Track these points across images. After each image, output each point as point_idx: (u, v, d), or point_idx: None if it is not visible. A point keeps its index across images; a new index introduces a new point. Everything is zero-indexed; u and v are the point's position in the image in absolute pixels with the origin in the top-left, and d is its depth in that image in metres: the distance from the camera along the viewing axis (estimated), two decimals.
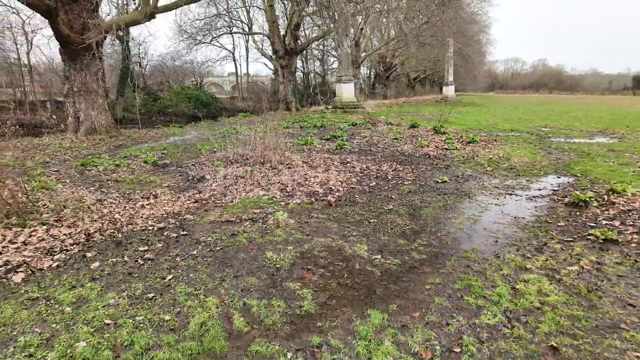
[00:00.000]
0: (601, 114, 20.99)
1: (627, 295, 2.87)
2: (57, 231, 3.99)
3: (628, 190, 5.38)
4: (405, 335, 2.41)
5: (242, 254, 3.58)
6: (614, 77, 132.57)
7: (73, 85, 10.92)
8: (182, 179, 6.53)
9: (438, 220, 4.57)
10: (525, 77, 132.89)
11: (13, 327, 2.45)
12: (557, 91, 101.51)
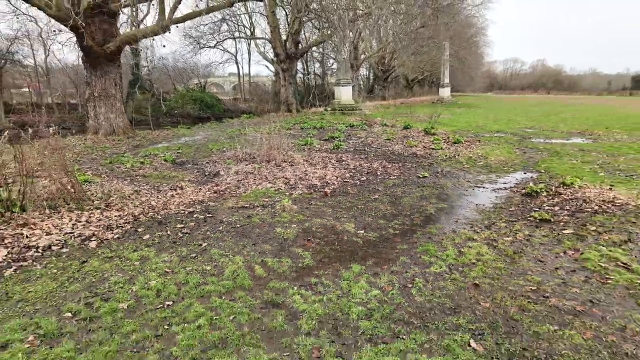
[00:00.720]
0: (589, 115, 22.00)
1: (541, 255, 3.92)
2: (109, 214, 5.04)
3: (576, 183, 6.43)
4: (375, 278, 3.46)
5: (257, 230, 4.63)
6: (613, 77, 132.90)
7: (94, 91, 11.98)
8: (200, 175, 7.59)
9: (413, 207, 5.62)
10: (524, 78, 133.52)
11: (102, 273, 3.51)
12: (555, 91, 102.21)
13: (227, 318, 2.82)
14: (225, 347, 2.52)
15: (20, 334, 2.61)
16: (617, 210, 5.22)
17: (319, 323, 2.80)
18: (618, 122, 17.68)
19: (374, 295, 3.15)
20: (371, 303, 3.04)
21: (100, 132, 12.15)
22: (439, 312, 2.93)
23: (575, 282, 3.37)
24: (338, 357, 2.43)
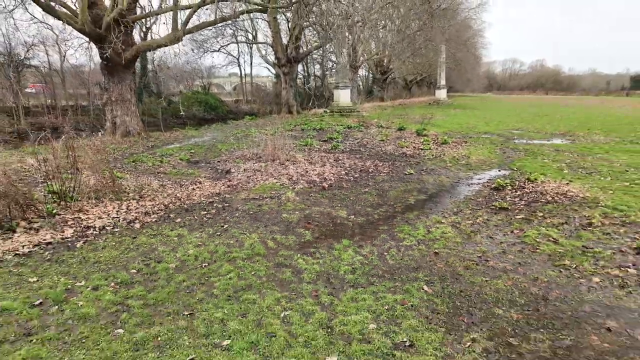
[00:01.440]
0: (577, 117, 23.03)
1: (492, 234, 4.97)
2: (144, 203, 6.09)
3: (539, 179, 7.48)
4: (360, 249, 4.51)
5: (267, 215, 5.68)
6: (612, 77, 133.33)
7: (111, 96, 13.03)
8: (214, 172, 8.64)
9: (397, 198, 6.67)
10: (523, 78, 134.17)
11: (151, 245, 4.56)
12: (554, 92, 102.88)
13: (249, 273, 3.88)
14: (250, 290, 3.57)
15: (104, 282, 3.67)
16: (566, 200, 6.26)
17: (316, 276, 3.85)
18: (601, 124, 18.73)
19: (358, 260, 4.21)
20: (355, 264, 4.09)
21: (117, 133, 13.19)
22: (404, 270, 3.98)
23: (512, 251, 4.42)
24: (330, 295, 3.48)
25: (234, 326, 2.98)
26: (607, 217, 5.44)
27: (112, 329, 2.97)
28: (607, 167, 8.87)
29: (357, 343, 2.79)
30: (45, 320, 3.08)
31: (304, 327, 2.98)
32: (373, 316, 3.13)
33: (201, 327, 2.99)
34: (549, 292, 3.54)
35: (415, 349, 2.74)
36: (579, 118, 22.06)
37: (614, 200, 6.11)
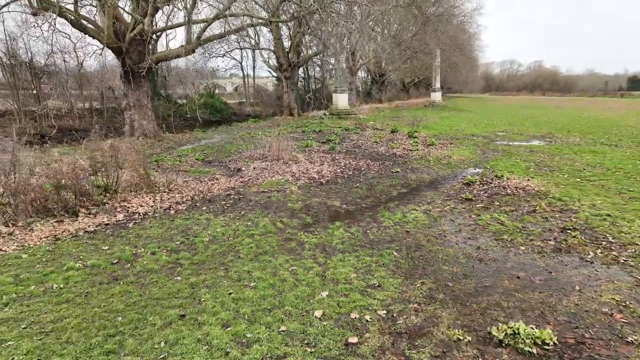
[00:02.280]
0: (562, 119, 24.30)
1: (454, 218, 6.28)
2: (174, 195, 7.40)
3: (505, 176, 8.78)
4: (348, 228, 5.81)
5: (275, 205, 6.98)
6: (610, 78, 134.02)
7: (130, 101, 14.34)
8: (226, 170, 9.94)
9: (383, 192, 7.98)
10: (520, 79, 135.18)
11: (186, 226, 5.87)
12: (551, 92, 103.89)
13: (265, 244, 5.19)
14: (266, 254, 4.88)
15: (158, 249, 4.97)
16: (523, 193, 7.57)
17: (314, 246, 5.15)
18: (582, 126, 20.02)
19: (346, 235, 5.51)
20: (344, 238, 5.40)
21: (135, 135, 14.50)
22: (381, 242, 5.29)
23: (466, 230, 5.73)
24: (324, 257, 4.78)
25: (257, 275, 4.29)
26: (550, 205, 6.75)
27: (172, 277, 4.28)
28: (569, 166, 10.18)
29: (342, 284, 4.10)
30: (124, 272, 4.39)
31: (305, 276, 4.28)
32: (354, 270, 4.44)
33: (234, 276, 4.30)
34: (484, 256, 4.84)
35: (382, 288, 4.05)
36: (564, 120, 23.34)
37: (561, 193, 7.42)
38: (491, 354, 3.03)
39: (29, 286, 4.03)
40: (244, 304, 3.69)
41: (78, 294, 3.91)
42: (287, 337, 3.20)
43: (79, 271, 4.36)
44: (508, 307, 3.69)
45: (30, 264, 4.54)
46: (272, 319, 3.45)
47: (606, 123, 21.47)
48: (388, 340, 3.18)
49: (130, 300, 3.78)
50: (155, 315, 3.50)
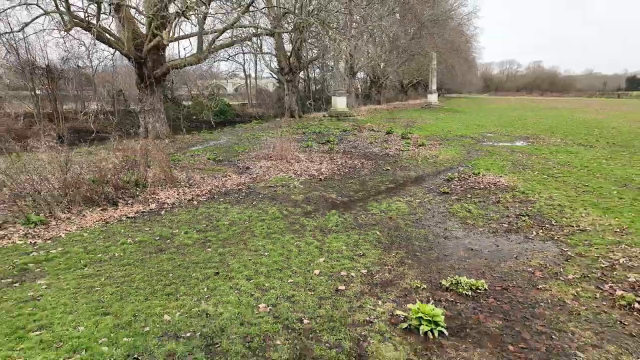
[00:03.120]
0: (550, 121, 25.49)
1: (431, 207, 7.52)
2: (194, 189, 8.65)
3: (481, 173, 10.03)
4: (342, 215, 7.06)
5: (280, 197, 8.24)
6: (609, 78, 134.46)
7: (145, 105, 15.59)
8: (236, 168, 11.19)
9: (373, 186, 9.23)
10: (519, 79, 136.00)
11: (208, 213, 7.12)
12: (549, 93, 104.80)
13: (274, 226, 6.44)
14: (276, 233, 6.13)
15: (189, 229, 6.23)
16: (494, 187, 8.81)
17: (314, 228, 6.40)
18: (566, 127, 21.22)
19: (340, 220, 6.76)
20: (338, 222, 6.65)
21: (149, 137, 15.75)
22: (367, 225, 6.54)
23: (438, 216, 6.98)
24: (322, 235, 6.03)
25: (269, 247, 5.54)
26: (514, 197, 8.00)
27: (204, 249, 5.53)
28: (542, 164, 11.42)
29: (335, 254, 5.35)
30: (166, 245, 5.64)
31: (307, 248, 5.53)
32: (345, 244, 5.69)
33: (252, 248, 5.55)
34: (449, 235, 6.10)
35: (365, 256, 5.29)
36: (552, 122, 24.54)
37: (526, 187, 8.67)
38: (439, 295, 4.28)
39: (97, 254, 5.29)
40: (261, 266, 4.94)
41: (135, 259, 5.17)
42: (294, 285, 4.46)
43: (132, 245, 5.62)
44: (458, 268, 4.94)
45: (92, 240, 5.81)
46: (283, 275, 4.71)
47: (592, 124, 22.68)
48: (366, 288, 4.44)
49: (175, 264, 5.04)
50: (196, 273, 4.76)
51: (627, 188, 8.54)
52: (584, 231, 6.07)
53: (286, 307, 3.99)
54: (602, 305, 4.05)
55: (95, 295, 4.23)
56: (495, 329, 3.68)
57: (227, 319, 3.77)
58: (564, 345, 3.42)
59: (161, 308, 3.96)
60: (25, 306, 3.99)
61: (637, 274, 4.63)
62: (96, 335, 3.49)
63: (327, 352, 3.33)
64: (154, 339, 3.45)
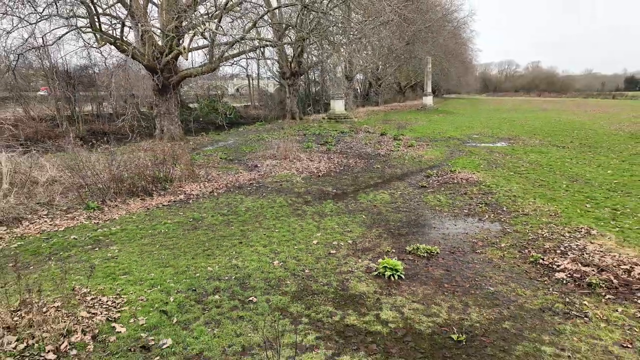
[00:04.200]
0: (535, 123, 27.03)
1: (409, 198, 9.17)
2: (212, 184, 10.30)
3: (457, 170, 11.67)
4: (336, 203, 8.71)
5: (285, 190, 9.88)
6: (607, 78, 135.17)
7: (160, 110, 17.24)
8: (245, 166, 12.84)
9: (363, 182, 10.87)
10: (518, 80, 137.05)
11: (228, 202, 8.77)
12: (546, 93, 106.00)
13: (281, 212, 8.09)
14: (283, 217, 7.77)
15: (214, 214, 7.88)
16: (465, 182, 10.45)
17: (313, 213, 8.04)
18: (549, 129, 22.81)
19: (334, 208, 8.40)
20: (332, 209, 8.29)
21: (164, 139, 17.40)
22: (356, 211, 8.18)
23: (413, 204, 8.62)
24: (319, 218, 7.67)
25: (278, 226, 7.19)
26: (479, 190, 9.64)
27: (228, 227, 7.17)
28: (513, 163, 13.05)
29: (329, 230, 6.99)
30: (199, 224, 7.29)
31: (307, 227, 7.18)
32: (337, 224, 7.33)
33: (265, 226, 7.19)
34: (419, 218, 7.74)
35: (352, 232, 6.93)
36: (537, 124, 26.14)
37: (492, 182, 10.31)
38: (403, 256, 5.91)
39: (148, 230, 6.95)
40: (273, 238, 6.59)
41: (177, 234, 6.82)
42: (299, 250, 6.10)
43: (172, 224, 7.27)
44: (421, 240, 6.58)
45: (141, 221, 7.46)
46: (289, 244, 6.35)
47: (573, 126, 24.27)
48: (351, 252, 6.08)
49: (208, 237, 6.68)
50: (225, 242, 6.41)
51: (576, 183, 10.19)
52: (526, 215, 7.72)
53: (293, 263, 5.64)
54: (517, 262, 5.69)
55: (155, 256, 5.88)
56: (437, 275, 5.32)
57: (252, 269, 5.42)
58: (481, 284, 5.07)
59: (205, 263, 5.61)
60: (109, 262, 5.64)
61: (551, 243, 6.27)
62: (164, 278, 5.14)
63: (321, 287, 4.98)
64: (203, 280, 5.10)
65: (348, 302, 4.63)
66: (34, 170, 8.99)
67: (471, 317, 4.30)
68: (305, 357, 3.61)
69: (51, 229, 7.00)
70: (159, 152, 10.35)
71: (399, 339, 3.94)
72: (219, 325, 4.12)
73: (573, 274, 5.21)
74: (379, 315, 4.34)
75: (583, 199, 8.65)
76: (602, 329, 4.06)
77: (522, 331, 4.05)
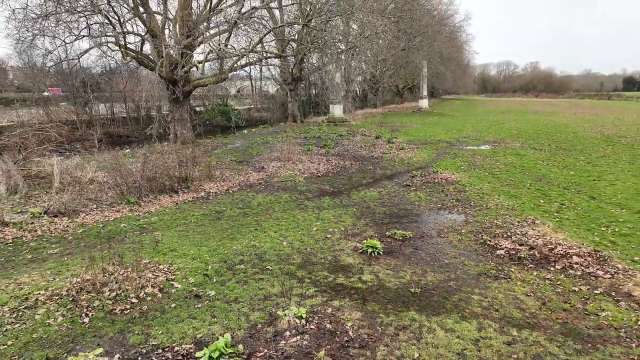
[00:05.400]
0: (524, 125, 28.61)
1: (395, 195, 10.87)
2: (227, 183, 11.99)
3: (439, 171, 13.36)
4: (332, 199, 10.40)
5: (289, 188, 11.58)
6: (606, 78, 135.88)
7: (175, 116, 18.93)
8: (254, 168, 14.53)
9: (357, 181, 12.57)
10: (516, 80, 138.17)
11: (242, 198, 10.47)
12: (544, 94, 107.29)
13: (287, 206, 9.79)
14: (289, 210, 9.47)
15: (233, 207, 9.58)
16: (444, 182, 12.13)
17: (313, 207, 9.74)
18: (534, 132, 24.41)
19: (331, 202, 10.10)
20: (329, 203, 9.98)
21: (177, 142, 19.10)
22: (349, 205, 9.87)
23: (397, 200, 10.31)
24: (318, 211, 9.37)
25: (285, 217, 8.89)
26: (455, 188, 11.33)
27: (245, 218, 8.87)
28: (490, 165, 14.73)
29: (326, 220, 8.69)
30: (221, 216, 8.99)
31: (309, 217, 8.87)
32: (333, 215, 9.02)
33: (274, 217, 8.89)
34: (401, 210, 9.43)
35: (344, 222, 8.63)
36: (523, 127, 27.73)
37: (467, 181, 12.00)
38: (383, 239, 7.60)
39: (180, 220, 8.65)
40: (282, 226, 8.29)
41: (205, 223, 8.51)
42: (302, 235, 7.80)
43: (199, 216, 8.97)
44: (399, 227, 8.27)
45: (172, 213, 9.16)
46: (295, 230, 8.05)
47: (558, 129, 25.87)
48: (343, 236, 7.77)
49: (230, 225, 8.38)
50: (244, 229, 8.10)
51: (539, 182, 11.87)
52: (488, 208, 9.41)
53: (298, 244, 7.34)
54: (470, 243, 7.39)
55: (191, 238, 7.58)
56: (407, 253, 7.02)
57: (267, 248, 7.12)
58: (439, 258, 6.76)
59: (230, 244, 7.31)
60: (153, 243, 7.34)
61: (501, 229, 7.97)
62: (200, 253, 6.84)
63: (319, 260, 6.67)
64: (230, 255, 6.80)
65: (339, 269, 6.33)
66: (77, 170, 10.69)
67: (427, 279, 5.99)
68: (308, 302, 5.30)
69: (103, 219, 8.71)
70: (181, 155, 12.04)
71: (374, 291, 5.63)
72: (246, 283, 5.82)
73: (510, 251, 6.91)
74: (361, 277, 6.04)
75: (539, 196, 10.34)
76: (517, 285, 5.76)
77: (461, 287, 5.74)
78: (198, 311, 5.06)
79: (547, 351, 4.27)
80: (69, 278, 5.78)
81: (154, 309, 5.12)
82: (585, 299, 5.33)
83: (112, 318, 4.92)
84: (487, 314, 4.99)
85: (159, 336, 4.53)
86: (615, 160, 15.09)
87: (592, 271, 6.08)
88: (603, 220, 8.39)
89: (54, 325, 4.71)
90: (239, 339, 4.46)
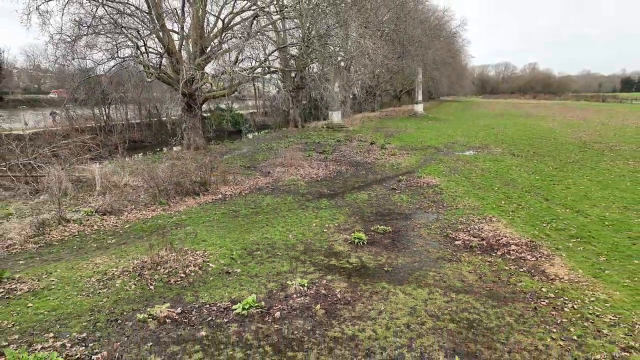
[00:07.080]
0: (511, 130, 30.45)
1: (383, 197, 12.87)
2: (239, 186, 14.00)
3: (422, 176, 15.36)
4: (329, 200, 12.40)
5: (293, 191, 13.58)
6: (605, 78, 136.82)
7: (188, 124, 20.95)
8: (261, 173, 16.53)
9: (351, 185, 14.57)
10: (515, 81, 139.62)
11: (254, 199, 12.48)
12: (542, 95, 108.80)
13: (291, 206, 11.79)
14: (292, 210, 11.47)
15: (247, 206, 11.59)
16: (425, 185, 14.13)
17: (313, 207, 11.74)
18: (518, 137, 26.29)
19: (327, 203, 12.10)
20: (326, 204, 11.98)
21: (190, 148, 21.11)
22: (343, 206, 11.87)
23: (383, 201, 12.31)
24: (317, 210, 11.37)
25: (290, 215, 10.90)
26: (434, 191, 13.33)
27: (257, 216, 10.88)
28: (469, 169, 16.71)
29: (323, 217, 10.69)
30: (237, 214, 10.99)
31: (309, 215, 10.88)
32: (329, 214, 11.02)
33: (281, 215, 10.90)
34: (384, 210, 11.43)
35: (338, 220, 10.63)
36: (510, 132, 29.60)
37: (445, 185, 13.99)
38: (368, 233, 9.60)
39: (205, 218, 10.66)
40: (288, 223, 10.29)
41: (225, 220, 10.52)
42: (303, 229, 9.80)
43: (220, 214, 10.98)
44: (383, 224, 10.25)
45: (198, 212, 11.17)
46: (298, 226, 10.05)
47: (542, 134, 27.63)
48: (337, 230, 9.78)
49: (245, 221, 10.39)
50: (257, 224, 10.11)
51: (507, 186, 13.86)
52: (457, 208, 11.40)
53: (301, 236, 9.34)
54: (436, 236, 9.39)
55: (216, 232, 9.59)
56: (386, 243, 9.02)
57: (276, 239, 9.13)
58: (410, 247, 8.76)
59: (247, 236, 9.32)
60: (190, 235, 9.35)
61: (463, 225, 9.96)
62: (225, 243, 8.84)
63: (317, 248, 8.68)
64: (249, 244, 8.81)
65: (332, 255, 8.34)
66: (114, 175, 12.71)
67: (397, 262, 8.00)
68: (309, 276, 7.30)
69: (142, 216, 10.73)
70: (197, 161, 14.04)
71: (357, 270, 7.64)
72: (262, 263, 7.83)
73: (465, 241, 8.91)
74: (348, 260, 8.05)
75: (502, 197, 12.34)
76: (465, 265, 7.76)
77: (422, 267, 7.74)
78: (230, 282, 7.08)
79: (472, 306, 6.27)
80: (131, 260, 7.80)
81: (198, 281, 7.13)
82: (510, 275, 7.34)
83: (169, 286, 6.93)
84: (436, 284, 7.00)
85: (205, 297, 6.54)
86: (581, 166, 17.05)
87: (523, 256, 8.09)
88: (547, 218, 10.39)
89: (130, 291, 6.73)
90: (261, 299, 6.46)
